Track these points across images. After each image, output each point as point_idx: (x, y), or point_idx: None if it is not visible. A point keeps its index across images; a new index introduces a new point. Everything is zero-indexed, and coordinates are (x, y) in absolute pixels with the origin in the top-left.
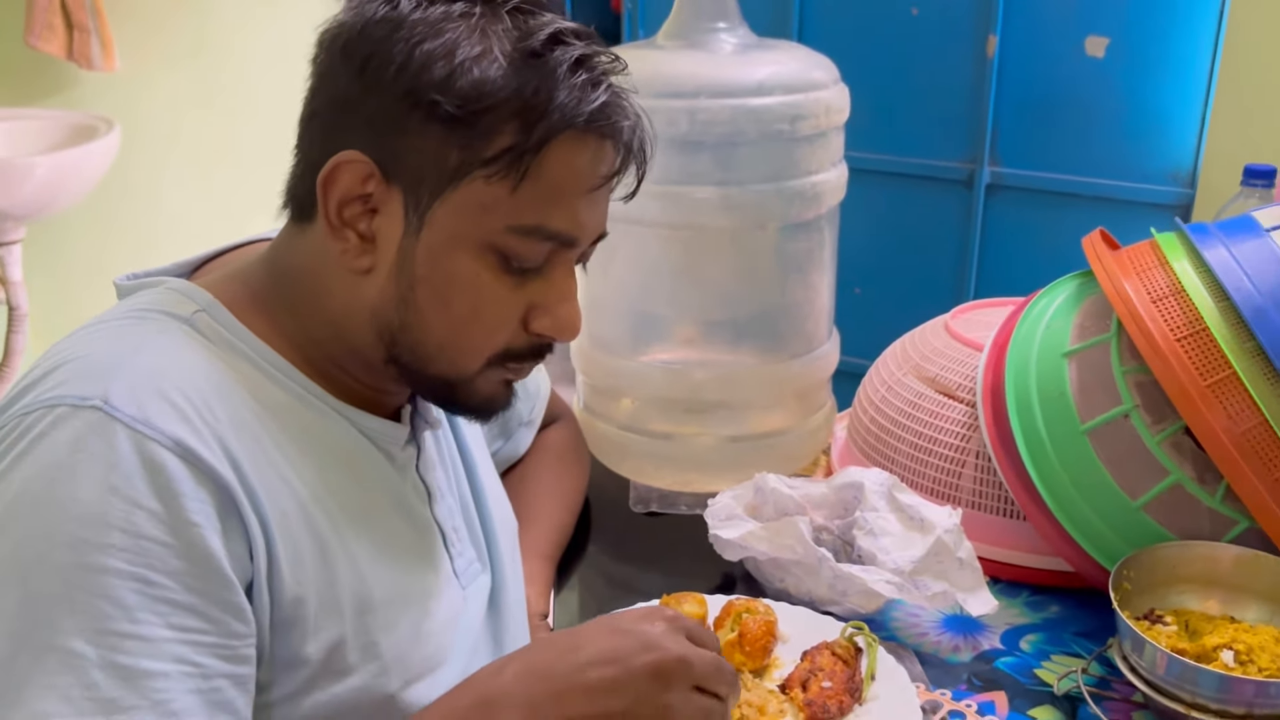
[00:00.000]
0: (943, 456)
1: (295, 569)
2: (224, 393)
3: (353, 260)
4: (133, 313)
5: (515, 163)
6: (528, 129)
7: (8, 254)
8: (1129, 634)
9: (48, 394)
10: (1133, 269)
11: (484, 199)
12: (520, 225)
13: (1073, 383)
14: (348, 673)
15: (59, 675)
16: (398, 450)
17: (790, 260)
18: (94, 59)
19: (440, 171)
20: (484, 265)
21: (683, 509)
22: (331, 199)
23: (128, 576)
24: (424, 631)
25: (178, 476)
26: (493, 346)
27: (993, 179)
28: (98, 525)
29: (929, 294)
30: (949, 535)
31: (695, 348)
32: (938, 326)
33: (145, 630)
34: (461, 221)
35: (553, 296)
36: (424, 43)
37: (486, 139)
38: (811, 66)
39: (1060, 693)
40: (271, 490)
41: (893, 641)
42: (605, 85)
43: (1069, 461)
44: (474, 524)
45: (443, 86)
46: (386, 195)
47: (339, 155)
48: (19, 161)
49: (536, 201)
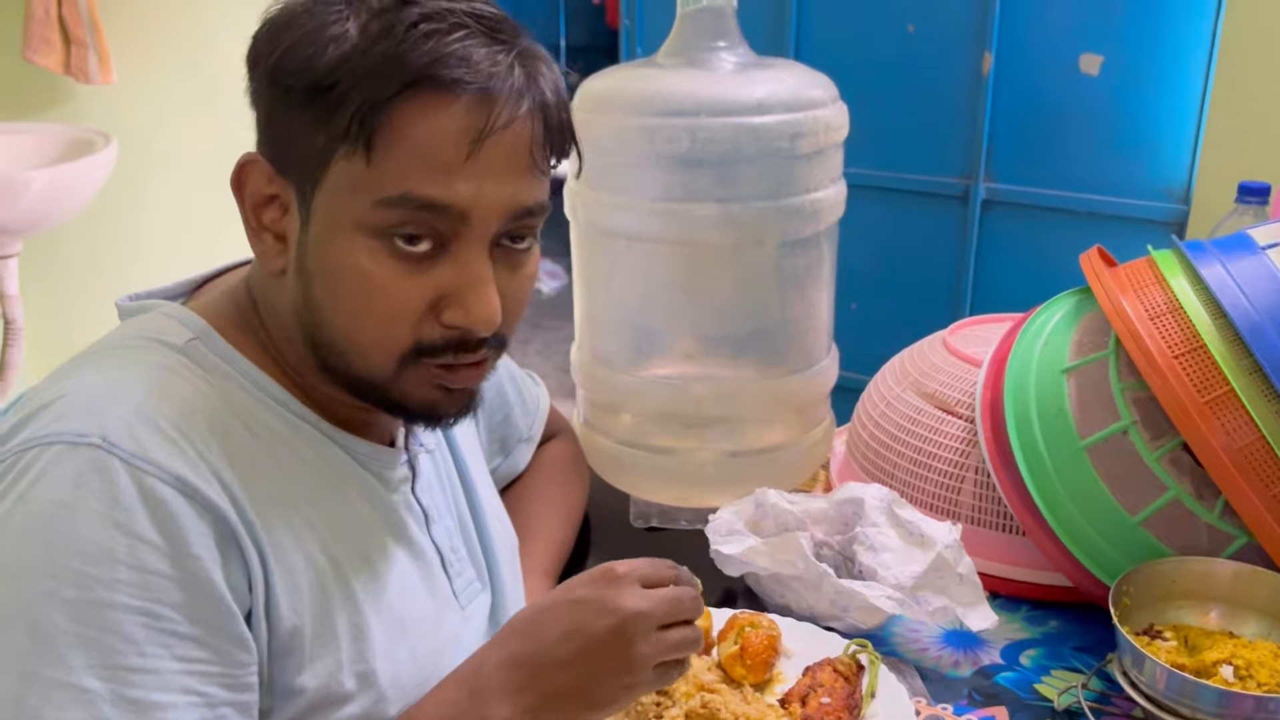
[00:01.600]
0: (942, 472)
1: (292, 599)
2: (218, 424)
3: (269, 262)
4: (126, 341)
5: (360, 129)
6: (368, 95)
7: (4, 268)
8: (1129, 649)
9: (44, 430)
10: (1130, 286)
11: (348, 177)
12: (385, 197)
13: (1071, 399)
14: (345, 700)
15: (70, 711)
16: (392, 474)
17: (790, 276)
18: (91, 73)
19: (312, 157)
20: (364, 250)
21: (683, 524)
22: (245, 203)
23: (135, 611)
24: (421, 655)
25: (178, 510)
26: (397, 340)
27: (988, 195)
28: (103, 561)
29: (925, 310)
30: (949, 551)
31: (695, 363)
32: (936, 342)
33: (152, 663)
34: (335, 205)
35: (460, 283)
36: (284, 31)
37: (337, 112)
38: (811, 85)
39: (1061, 708)
40: (268, 521)
41: (893, 657)
42: (458, 36)
43: (1068, 477)
44: (473, 543)
45: (301, 69)
46: (286, 192)
47: (241, 157)
48: (16, 175)
49: (398, 170)
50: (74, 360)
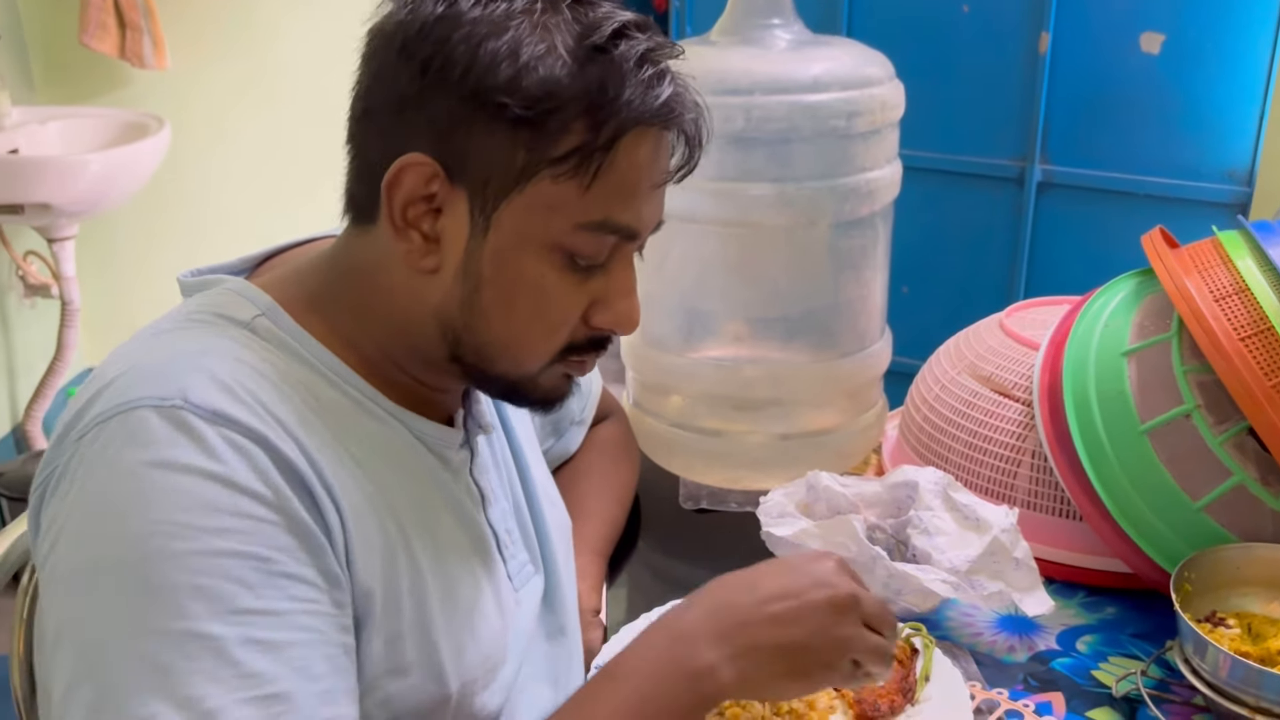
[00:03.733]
0: (998, 456)
1: (366, 562)
2: (284, 395)
3: (417, 261)
4: (192, 317)
5: (585, 162)
6: (596, 127)
7: (61, 250)
8: (1191, 636)
9: (121, 399)
10: (1194, 267)
11: (552, 199)
12: (588, 222)
13: (1132, 382)
14: (407, 671)
15: (202, 660)
16: (452, 454)
17: (844, 257)
18: (146, 57)
19: (507, 172)
20: (550, 265)
21: (733, 506)
22: (396, 201)
23: (245, 556)
24: (479, 635)
25: (265, 462)
26: (556, 344)
27: (1044, 177)
28: (207, 512)
29: (978, 293)
30: (1005, 535)
31: (746, 345)
32: (993, 325)
33: (271, 605)
34: (529, 222)
35: (613, 291)
36: (487, 42)
37: (554, 139)
38: (867, 62)
39: (1119, 695)
40: (342, 484)
41: (947, 641)
42: (669, 78)
43: (1128, 462)
44: (527, 526)
45: (509, 87)
46: (451, 196)
47: (404, 158)
48: (73, 159)
49: (605, 198)
50: (138, 336)
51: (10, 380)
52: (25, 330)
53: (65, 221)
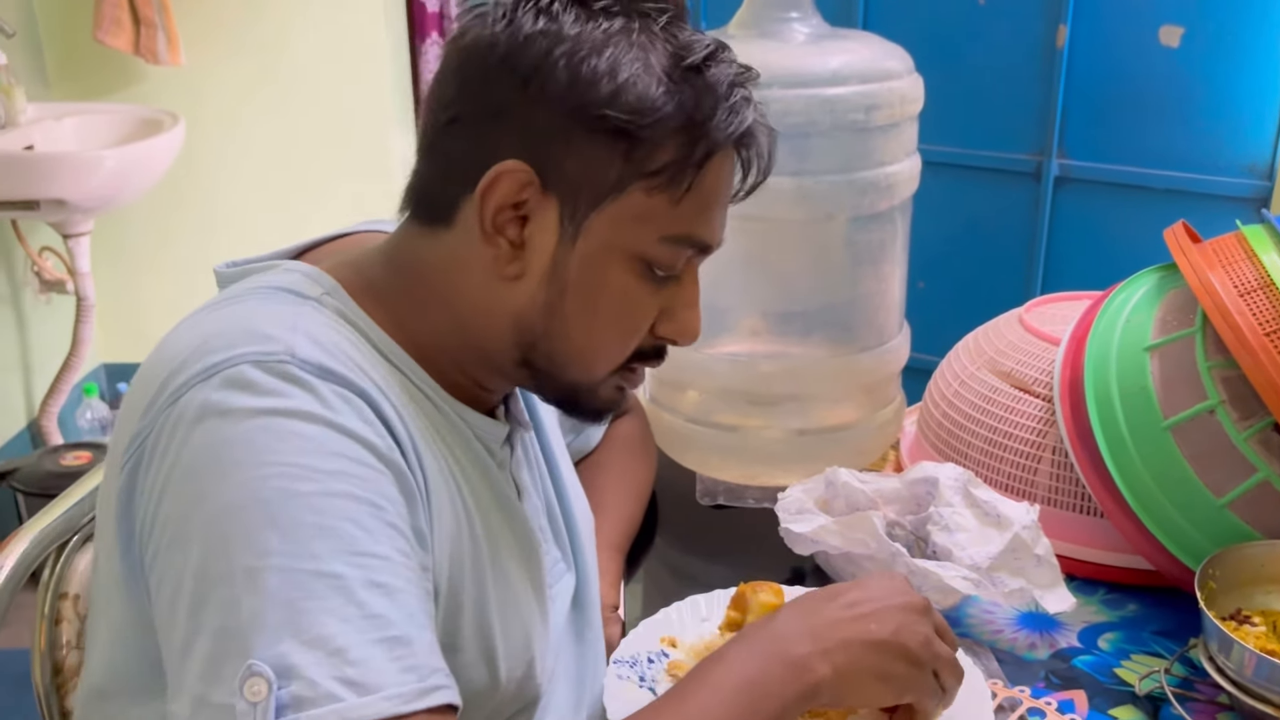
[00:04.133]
0: (1018, 452)
1: (440, 532)
2: (374, 368)
3: (503, 266)
4: (261, 290)
5: (678, 176)
6: (691, 144)
7: (76, 246)
8: (1216, 634)
9: (218, 358)
10: (1218, 262)
11: (642, 210)
12: (672, 235)
13: (1155, 378)
14: (461, 648)
15: (330, 599)
16: (497, 449)
17: (862, 252)
18: (160, 53)
19: (601, 182)
20: (632, 274)
21: (750, 502)
22: (489, 206)
23: (362, 501)
24: (525, 624)
25: (371, 417)
26: (626, 352)
27: (1061, 171)
28: (328, 455)
29: (994, 289)
30: (1027, 532)
31: (763, 340)
32: (1012, 320)
33: (384, 550)
34: (618, 231)
35: (680, 302)
36: (590, 59)
37: (651, 153)
38: (886, 56)
39: (1143, 693)
40: (425, 453)
41: (968, 638)
42: (752, 104)
43: (1150, 458)
44: (558, 524)
45: (610, 102)
46: (541, 203)
47: (501, 165)
48: (88, 155)
49: (690, 213)
50: (206, 306)
51: (25, 376)
52: (40, 326)
53: (80, 217)
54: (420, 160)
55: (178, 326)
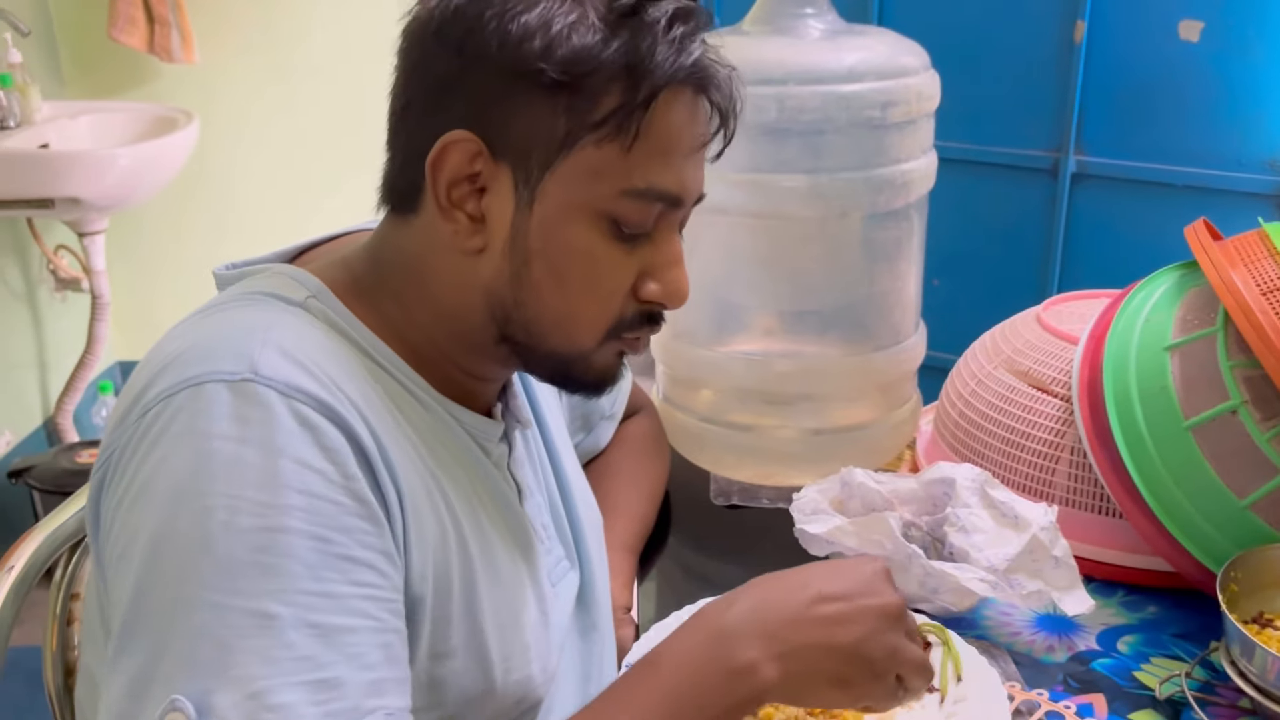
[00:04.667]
0: (1036, 452)
1: (420, 543)
2: (351, 374)
3: (464, 241)
4: (248, 296)
5: (625, 122)
6: (634, 87)
7: (91, 244)
8: (1238, 637)
9: (188, 373)
10: (1240, 260)
11: (596, 164)
12: (632, 188)
13: (1175, 377)
14: (452, 655)
15: (258, 638)
16: (492, 447)
17: (878, 250)
18: (174, 51)
19: (549, 142)
20: (598, 234)
21: (764, 502)
22: (441, 181)
23: (308, 536)
24: (522, 625)
25: (334, 437)
26: (608, 318)
27: (1079, 168)
28: (274, 488)
29: (1011, 287)
30: (1044, 533)
31: (777, 338)
32: (1029, 319)
33: (330, 587)
34: (574, 190)
35: (661, 262)
36: (520, 16)
37: (593, 102)
38: (902, 52)
39: (1163, 697)
40: (402, 465)
41: (985, 640)
42: (699, 39)
43: (1171, 459)
44: (561, 522)
45: (544, 55)
46: (494, 172)
47: (446, 136)
48: (103, 153)
49: (647, 162)
50: (193, 315)
51: (41, 374)
52: (56, 324)
53: (95, 216)
54: (386, 154)
55: (167, 334)
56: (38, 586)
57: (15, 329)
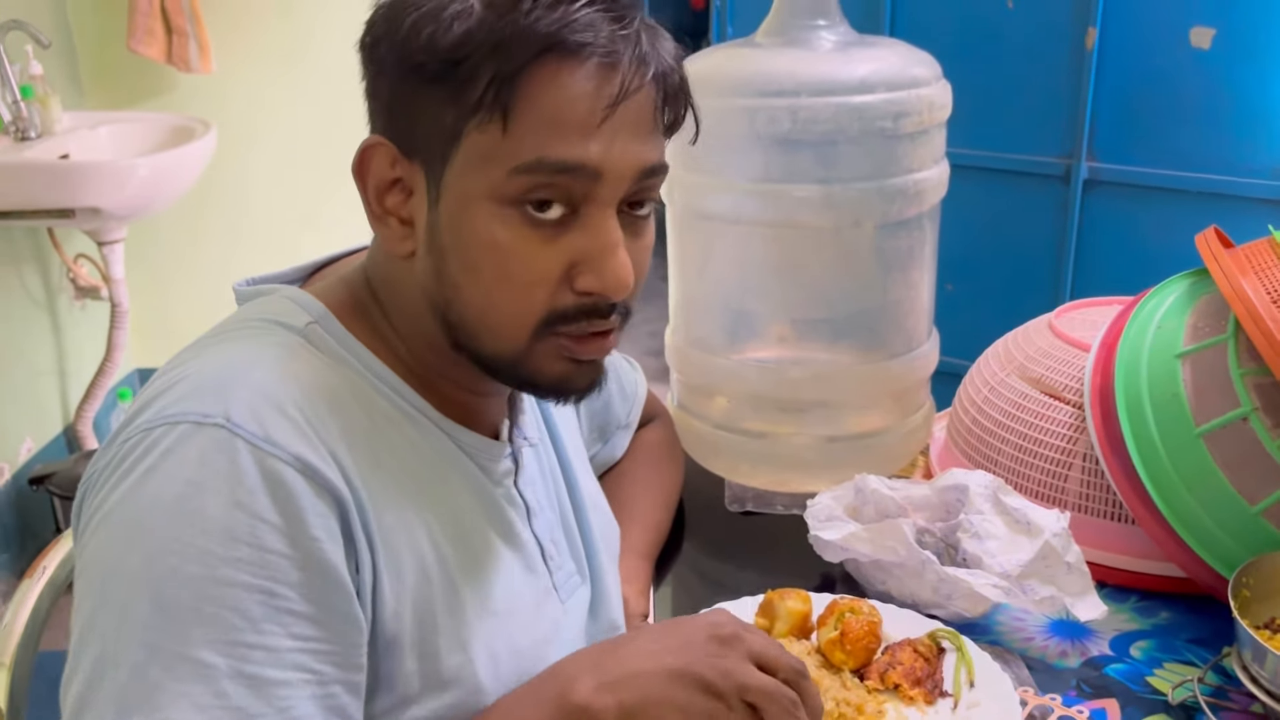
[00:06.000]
0: (1048, 459)
1: (396, 585)
2: (337, 406)
3: (396, 245)
4: (247, 323)
5: (496, 98)
6: (499, 64)
7: (110, 253)
8: (1250, 643)
9: (169, 410)
10: (1250, 268)
11: (482, 149)
12: (520, 164)
13: (1187, 384)
14: (443, 689)
15: (191, 684)
16: (496, 467)
17: (891, 258)
18: (192, 62)
19: (442, 134)
20: (501, 221)
21: (779, 509)
22: (368, 188)
23: (253, 589)
24: (522, 648)
25: (298, 491)
26: (531, 311)
27: (1090, 174)
28: (225, 539)
29: (1024, 293)
30: (1057, 539)
31: (791, 346)
32: (1042, 326)
33: (269, 640)
34: (468, 180)
35: (593, 248)
36: (412, 13)
37: (470, 86)
38: (913, 63)
39: (1175, 702)
40: (380, 509)
41: (999, 646)
42: (581, 4)
43: (1183, 465)
44: (574, 536)
45: (428, 48)
46: (411, 173)
47: (363, 141)
48: (122, 163)
49: (533, 135)
50: (197, 342)
51: (61, 381)
52: (75, 332)
53: (115, 225)
54: None
55: (176, 356)
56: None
57: (36, 337)
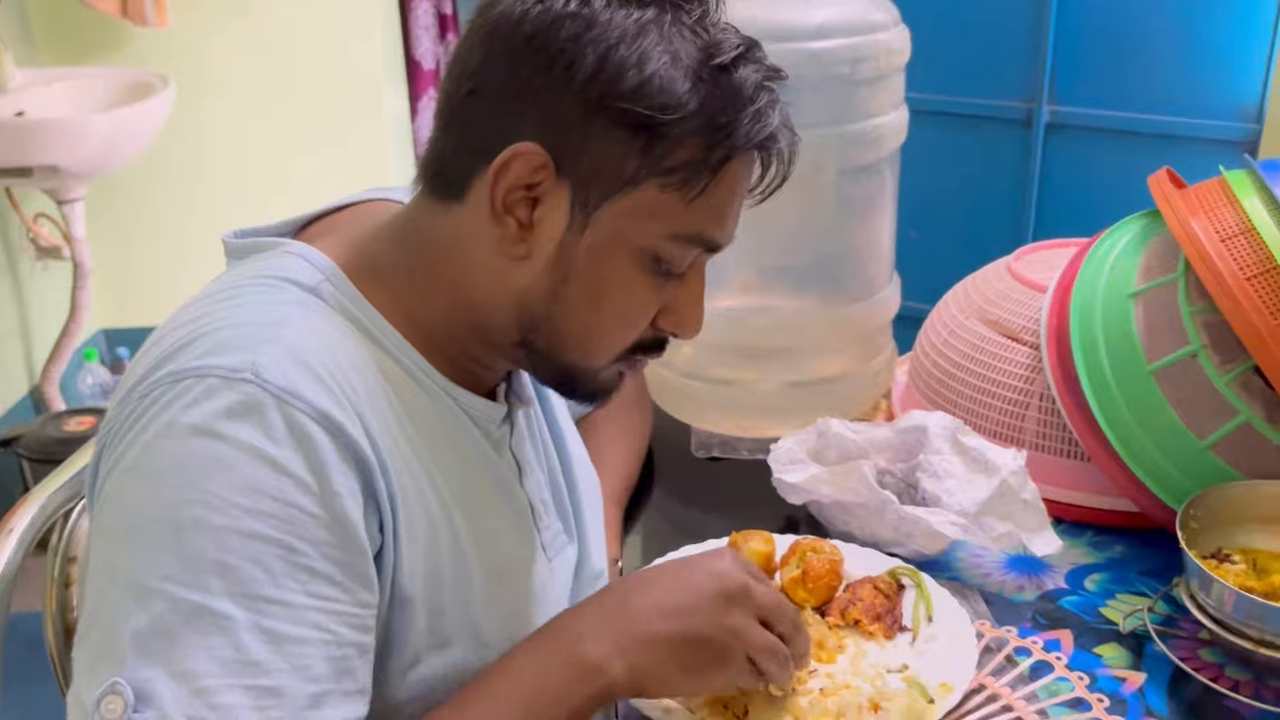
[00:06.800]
0: (1006, 399)
1: (411, 546)
2: (358, 367)
3: (510, 246)
4: (262, 280)
5: (694, 177)
6: (711, 146)
7: (71, 211)
8: (1197, 573)
9: (195, 362)
10: (1201, 208)
11: (654, 206)
12: (682, 233)
13: (1139, 323)
14: (448, 646)
15: (210, 636)
16: (494, 429)
17: (851, 204)
18: (147, 15)
19: (616, 175)
20: (638, 268)
21: (744, 454)
22: (501, 185)
23: (275, 543)
24: (516, 607)
25: (324, 448)
26: (626, 343)
27: (1052, 118)
28: (251, 492)
29: (986, 237)
30: (1014, 477)
31: (755, 294)
32: (1000, 269)
33: (288, 596)
34: (628, 225)
35: (685, 297)
36: (618, 48)
37: (669, 150)
38: (871, 8)
39: (1126, 631)
40: (398, 466)
41: (957, 581)
42: (778, 107)
43: (1135, 402)
44: (561, 495)
45: (634, 95)
46: (554, 188)
47: (517, 146)
48: (80, 119)
49: (702, 214)
50: (207, 297)
51: (26, 343)
52: (38, 293)
53: (74, 183)
54: (437, 131)
55: (184, 308)
56: (33, 555)
57: None
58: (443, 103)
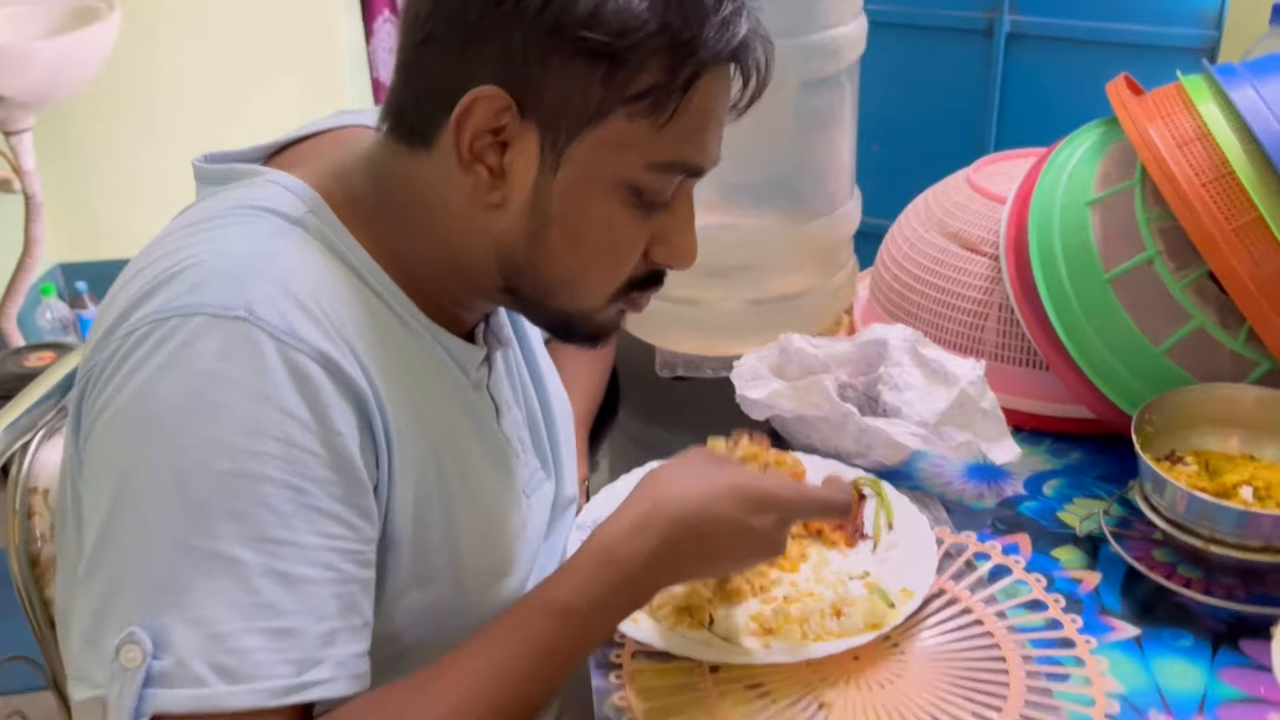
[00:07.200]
0: (966, 310)
1: (403, 482)
2: (348, 304)
3: (482, 195)
4: (241, 210)
5: (662, 101)
6: (677, 66)
7: (19, 143)
8: (1150, 475)
9: (182, 300)
10: (1158, 114)
11: (625, 136)
12: (659, 161)
13: (1096, 232)
14: (431, 580)
15: (222, 581)
16: (473, 369)
17: (811, 118)
18: None
19: (582, 108)
20: (618, 203)
21: (708, 372)
22: (465, 133)
23: (282, 484)
24: (497, 543)
25: (323, 386)
26: (618, 281)
27: (1013, 28)
28: (253, 434)
29: (949, 149)
30: (973, 387)
31: (717, 211)
32: (960, 181)
33: (298, 537)
34: (600, 159)
35: (674, 227)
36: None
37: (632, 76)
38: None
39: (1082, 533)
40: (392, 402)
41: (918, 491)
42: (745, 14)
43: (1092, 310)
44: (539, 433)
45: (589, 22)
46: (520, 130)
47: (476, 91)
48: (23, 46)
49: (677, 138)
50: (184, 228)
51: None
52: None
53: (20, 114)
54: (396, 77)
55: (158, 241)
56: None
57: None
58: (399, 53)
